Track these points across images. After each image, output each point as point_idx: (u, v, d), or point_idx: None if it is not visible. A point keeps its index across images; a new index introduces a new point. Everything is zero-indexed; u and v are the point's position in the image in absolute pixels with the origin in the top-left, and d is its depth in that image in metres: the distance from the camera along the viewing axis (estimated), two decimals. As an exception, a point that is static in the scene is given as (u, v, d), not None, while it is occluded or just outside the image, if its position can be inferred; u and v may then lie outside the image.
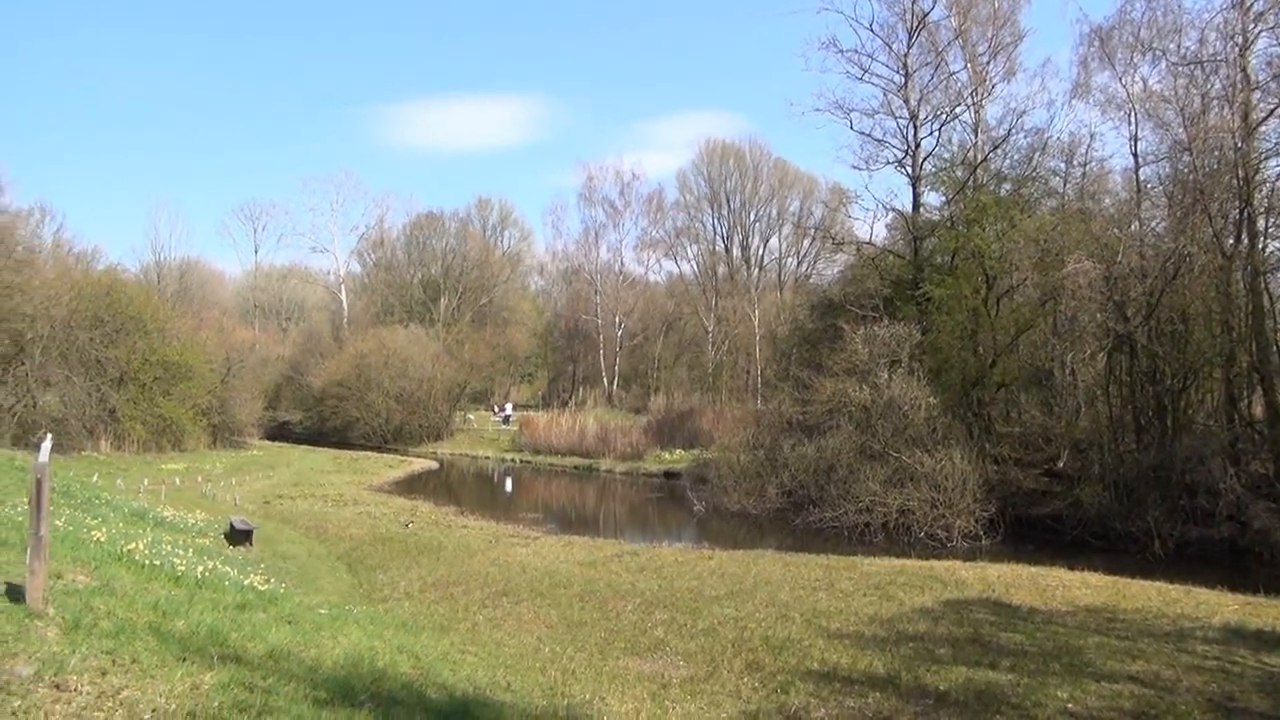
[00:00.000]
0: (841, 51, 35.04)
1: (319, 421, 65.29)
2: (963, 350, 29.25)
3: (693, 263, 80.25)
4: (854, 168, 41.28)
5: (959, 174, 33.84)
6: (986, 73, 34.10)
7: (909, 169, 34.65)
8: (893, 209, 36.14)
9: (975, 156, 33.88)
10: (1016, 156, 34.01)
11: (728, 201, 78.16)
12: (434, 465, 49.37)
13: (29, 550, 7.64)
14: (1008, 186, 33.24)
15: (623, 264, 77.15)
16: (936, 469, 24.54)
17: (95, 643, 6.73)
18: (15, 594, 7.80)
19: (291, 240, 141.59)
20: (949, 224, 32.78)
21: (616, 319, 72.88)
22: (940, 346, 29.82)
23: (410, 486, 38.77)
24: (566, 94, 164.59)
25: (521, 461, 50.20)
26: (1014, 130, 33.20)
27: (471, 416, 66.89)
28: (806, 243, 72.10)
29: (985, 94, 34.22)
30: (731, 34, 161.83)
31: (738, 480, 29.29)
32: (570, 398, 71.27)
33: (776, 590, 14.77)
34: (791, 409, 31.33)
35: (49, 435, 9.50)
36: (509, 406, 69.01)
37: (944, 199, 34.97)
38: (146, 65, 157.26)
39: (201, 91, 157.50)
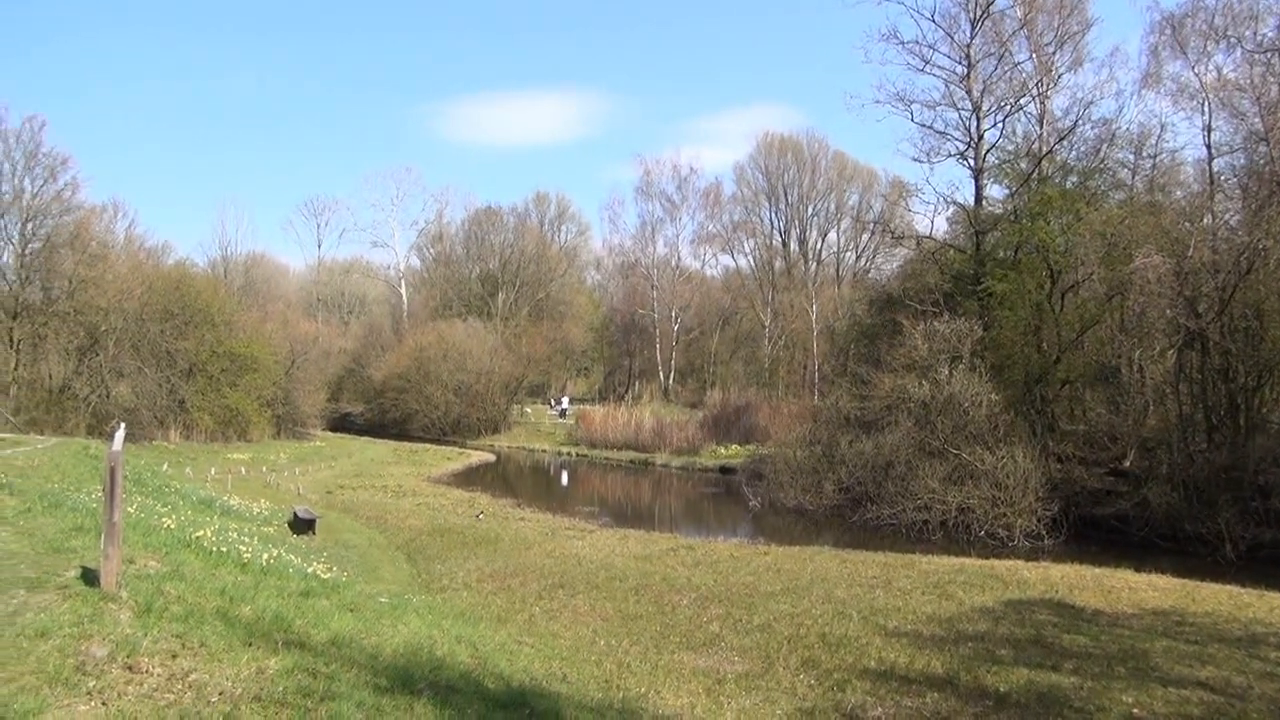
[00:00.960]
0: (902, 43, 34.58)
1: (379, 413, 66.35)
2: (1026, 346, 28.69)
3: (749, 257, 79.97)
4: (914, 160, 40.81)
5: (1023, 166, 33.15)
6: (1052, 62, 33.35)
7: (971, 161, 34.05)
8: (954, 202, 35.59)
9: (1040, 148, 33.16)
10: (1083, 148, 33.25)
11: (785, 195, 77.63)
12: (491, 458, 49.88)
13: (103, 536, 7.89)
14: (1074, 179, 32.48)
15: (679, 258, 77.16)
16: (998, 467, 24.12)
17: (166, 626, 6.93)
18: (90, 578, 8.07)
19: (353, 235, 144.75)
20: (1012, 217, 32.13)
21: (673, 313, 72.82)
22: (1002, 342, 29.28)
23: (468, 479, 39.23)
24: (624, 89, 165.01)
25: (578, 455, 50.46)
26: (1081, 121, 32.46)
27: (528, 410, 67.42)
28: (865, 237, 71.40)
29: (1051, 84, 33.48)
30: (790, 27, 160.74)
31: (794, 476, 29.10)
32: (626, 392, 71.46)
33: (833, 587, 14.66)
34: (849, 405, 31.01)
35: (122, 425, 9.81)
36: (565, 400, 69.41)
37: (1007, 192, 34.30)
38: (214, 65, 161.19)
39: (266, 90, 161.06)
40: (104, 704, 5.23)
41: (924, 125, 35.09)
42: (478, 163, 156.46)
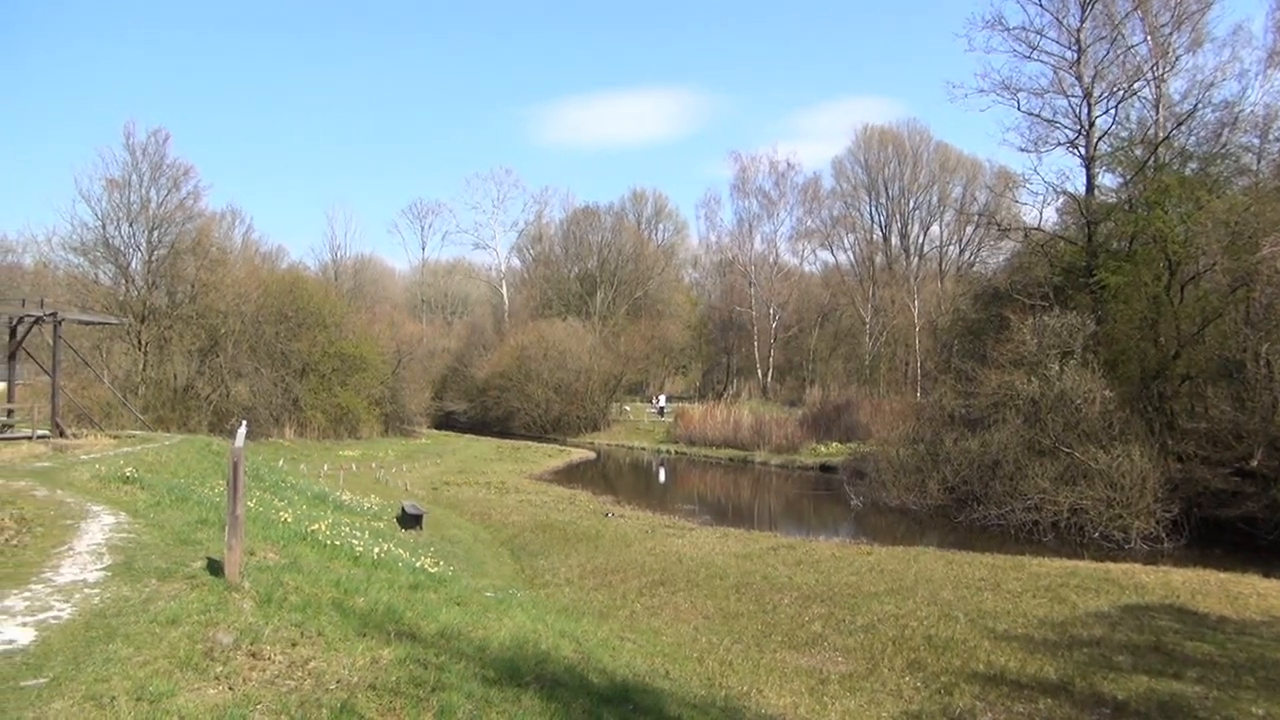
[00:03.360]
0: (1008, 29, 33.51)
1: (482, 411, 67.69)
2: (1142, 341, 27.49)
3: (849, 252, 78.79)
4: (1022, 150, 39.44)
5: (1138, 153, 31.75)
6: (1169, 44, 31.83)
7: (1082, 150, 32.80)
8: (1064, 192, 34.31)
9: (1156, 134, 31.70)
10: (1203, 133, 31.62)
11: (886, 189, 76.19)
12: (591, 455, 50.37)
13: (226, 528, 8.29)
14: (1193, 165, 30.96)
15: (777, 255, 76.61)
16: (1112, 466, 23.19)
17: (285, 616, 7.23)
18: (215, 568, 8.48)
19: (456, 237, 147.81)
20: (1127, 207, 30.83)
21: (771, 310, 72.29)
22: (1117, 337, 28.13)
23: (569, 476, 39.70)
24: (719, 86, 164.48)
25: (676, 453, 50.55)
26: (1201, 105, 30.86)
27: (627, 408, 67.85)
28: (970, 230, 69.49)
29: (1168, 67, 31.95)
30: (888, 17, 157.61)
31: (897, 475, 28.57)
32: (724, 389, 71.25)
33: (939, 588, 14.35)
34: (954, 402, 30.25)
35: (244, 422, 10.26)
36: (664, 398, 69.60)
37: (1121, 180, 32.90)
38: (322, 74, 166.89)
39: (371, 98, 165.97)
40: (230, 689, 5.49)
41: (1031, 113, 33.96)
42: (575, 163, 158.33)
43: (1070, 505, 23.08)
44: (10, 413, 28.51)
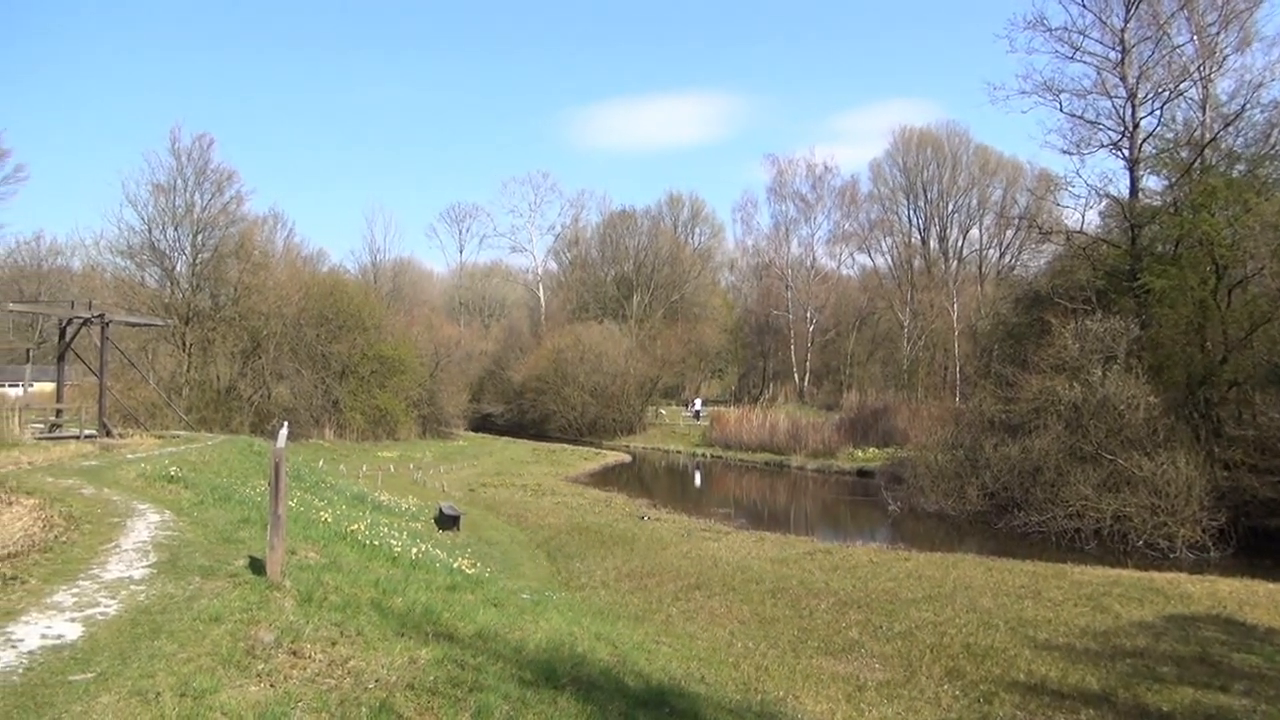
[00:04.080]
0: (1050, 30, 33.05)
1: (519, 414, 68.01)
2: (1188, 346, 26.98)
3: (887, 256, 78.14)
4: (1064, 152, 38.96)
5: (1184, 155, 31.15)
6: (1216, 43, 31.22)
7: (1126, 151, 32.27)
8: (1107, 195, 33.78)
9: (1203, 135, 31.10)
10: (1252, 134, 30.94)
11: (924, 192, 75.45)
12: (626, 458, 50.40)
13: (269, 528, 8.41)
14: (1241, 167, 30.31)
15: (814, 258, 76.25)
16: (1157, 473, 22.78)
17: (325, 615, 7.32)
18: (257, 567, 8.60)
19: (493, 241, 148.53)
20: (1172, 209, 30.27)
21: (808, 314, 71.94)
22: (1161, 342, 27.64)
23: (604, 479, 39.77)
24: (756, 89, 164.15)
25: (712, 456, 50.45)
26: (1249, 105, 30.19)
27: (663, 411, 67.81)
28: (1010, 233, 68.63)
29: (1215, 67, 31.34)
30: (925, 19, 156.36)
31: (935, 480, 28.29)
32: (761, 393, 70.99)
33: (978, 596, 14.19)
34: (993, 407, 29.90)
35: (285, 423, 10.40)
36: (699, 402, 69.49)
37: (1166, 183, 32.31)
38: (361, 79, 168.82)
39: (410, 102, 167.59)
40: (272, 686, 5.56)
41: (1074, 115, 33.45)
42: (612, 167, 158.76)
43: (1113, 513, 22.71)
44: (59, 412, 29.14)
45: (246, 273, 44.28)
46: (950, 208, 75.26)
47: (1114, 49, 32.06)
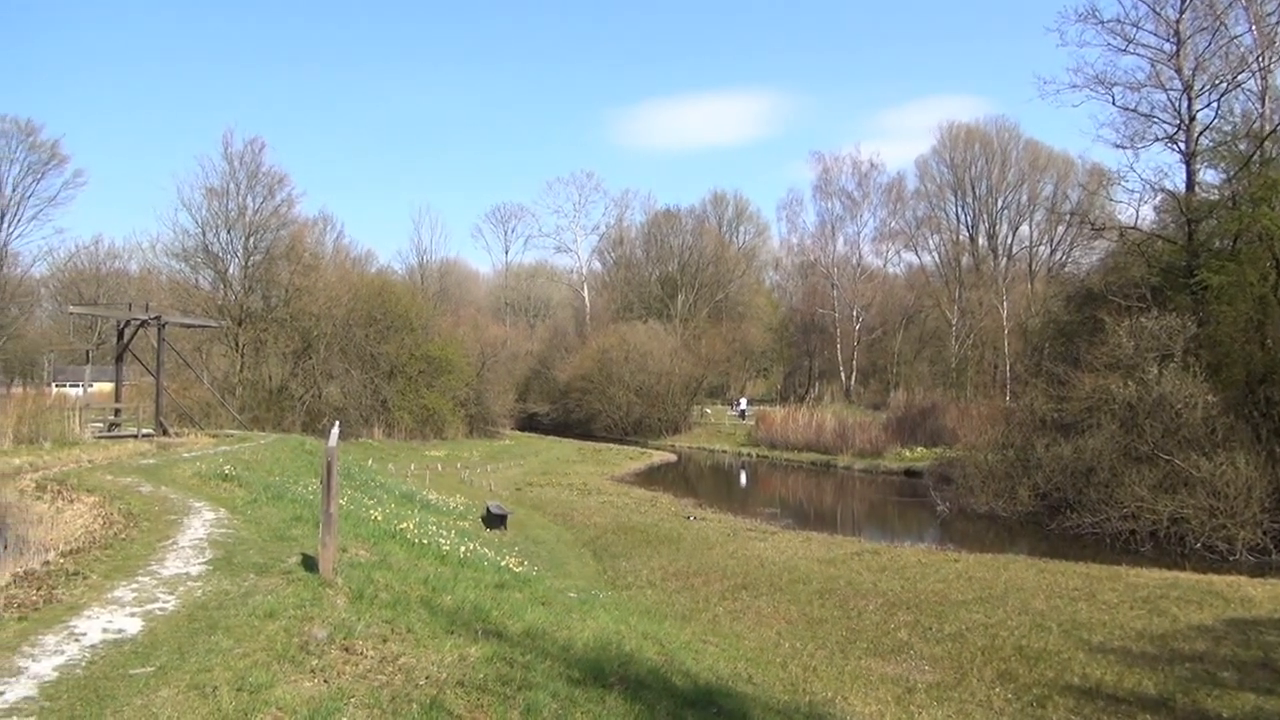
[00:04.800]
0: (1102, 22, 32.39)
1: (564, 413, 68.28)
2: (1248, 343, 26.29)
3: (934, 253, 77.07)
4: (1117, 146, 38.05)
5: (1242, 148, 30.36)
6: (1276, 33, 30.40)
7: (1182, 145, 31.55)
8: (1162, 189, 33.04)
9: (1262, 127, 30.28)
10: (1314, 126, 30.10)
11: (973, 188, 74.32)
12: (672, 458, 50.37)
13: (321, 526, 8.53)
14: (1303, 159, 29.50)
15: (860, 256, 75.53)
16: (1216, 474, 22.21)
17: (376, 612, 7.41)
18: (310, 564, 8.73)
19: (538, 241, 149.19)
20: (1231, 204, 29.53)
21: (854, 312, 71.30)
22: (1220, 339, 26.96)
23: (650, 478, 39.78)
24: (801, 87, 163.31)
25: (758, 456, 50.24)
26: (1311, 96, 29.41)
27: (708, 411, 67.67)
28: (1061, 229, 67.36)
29: (1275, 57, 30.50)
30: (971, 14, 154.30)
31: (985, 480, 27.88)
32: (806, 393, 70.55)
33: (1030, 598, 13.97)
34: (1045, 406, 29.38)
35: (337, 422, 10.55)
36: (744, 401, 69.23)
37: (1224, 176, 31.51)
38: (407, 81, 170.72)
39: (455, 103, 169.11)
40: (325, 682, 5.65)
41: (1127, 108, 32.79)
42: (656, 166, 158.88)
43: (1170, 514, 22.20)
44: (118, 412, 29.84)
45: (297, 274, 45.01)
46: (999, 204, 74.11)
47: (1168, 40, 31.37)
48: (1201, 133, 31.25)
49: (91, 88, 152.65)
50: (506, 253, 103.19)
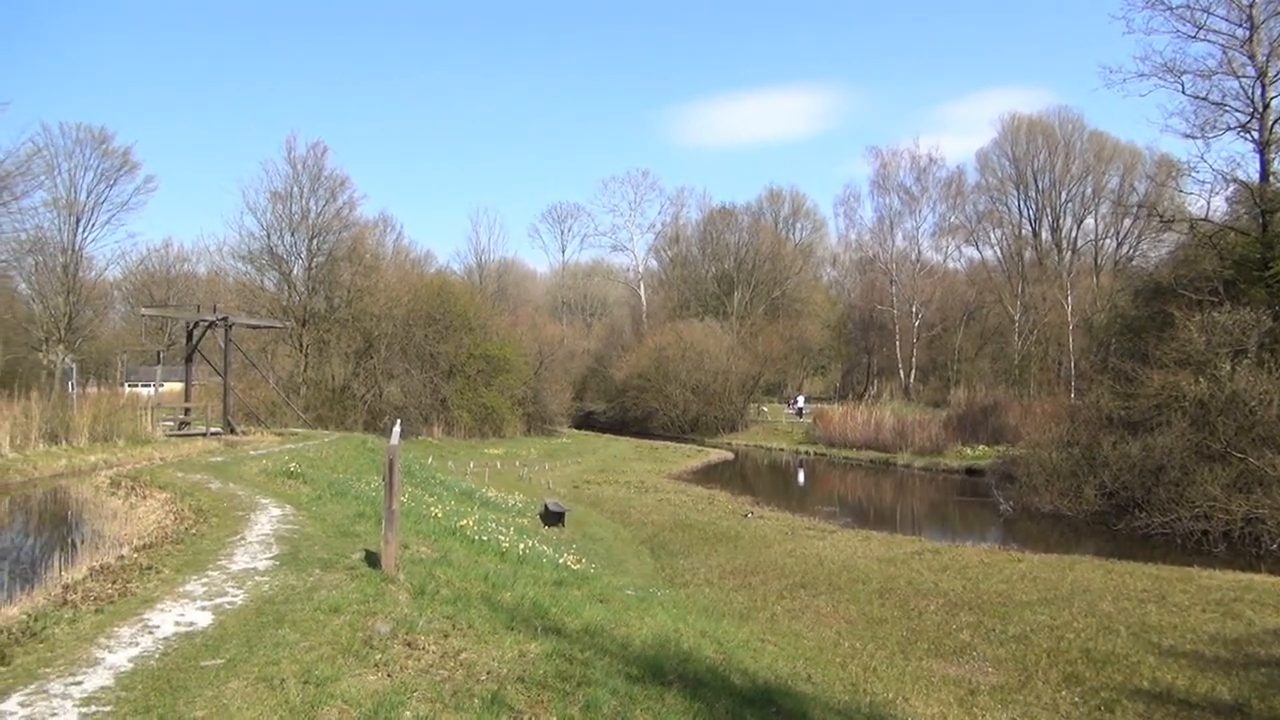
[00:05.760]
0: (1170, 8, 31.47)
1: (621, 411, 68.48)
2: (1326, 338, 25.42)
3: (996, 248, 75.67)
4: (1186, 136, 36.98)
5: (1320, 136, 29.37)
6: (1356, 16, 29.29)
7: (1256, 134, 30.54)
8: (1235, 180, 32.01)
9: (1341, 114, 29.25)
10: (1396, 111, 28.96)
11: (1035, 181, 72.81)
12: (729, 456, 50.23)
13: (383, 523, 8.68)
14: (1385, 146, 28.40)
15: (919, 252, 74.50)
16: (1292, 473, 21.50)
17: (438, 608, 7.51)
18: (372, 560, 8.88)
19: (594, 240, 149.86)
20: (1307, 193, 28.57)
21: (913, 309, 70.38)
22: (1296, 334, 26.10)
23: (707, 476, 39.71)
24: (858, 82, 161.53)
25: (815, 454, 49.87)
26: (1393, 80, 28.28)
27: (765, 409, 67.36)
28: (1128, 222, 65.74)
29: (1354, 41, 29.41)
30: (1033, 2, 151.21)
31: (1049, 479, 27.31)
32: (865, 390, 69.86)
33: (1097, 599, 13.65)
34: (1112, 403, 28.68)
35: (399, 421, 10.71)
36: (802, 399, 68.77)
37: (1300, 165, 30.49)
38: (467, 85, 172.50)
39: (512, 104, 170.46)
40: (389, 676, 5.75)
41: (1198, 97, 31.78)
42: (712, 164, 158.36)
43: (1244, 514, 21.52)
44: (187, 411, 30.67)
45: (359, 275, 45.82)
46: (1063, 197, 72.45)
47: (1241, 25, 30.40)
48: (1276, 121, 30.26)
49: (161, 97, 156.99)
50: (563, 252, 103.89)
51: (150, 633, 6.36)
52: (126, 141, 71.17)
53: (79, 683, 5.25)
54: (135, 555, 9.06)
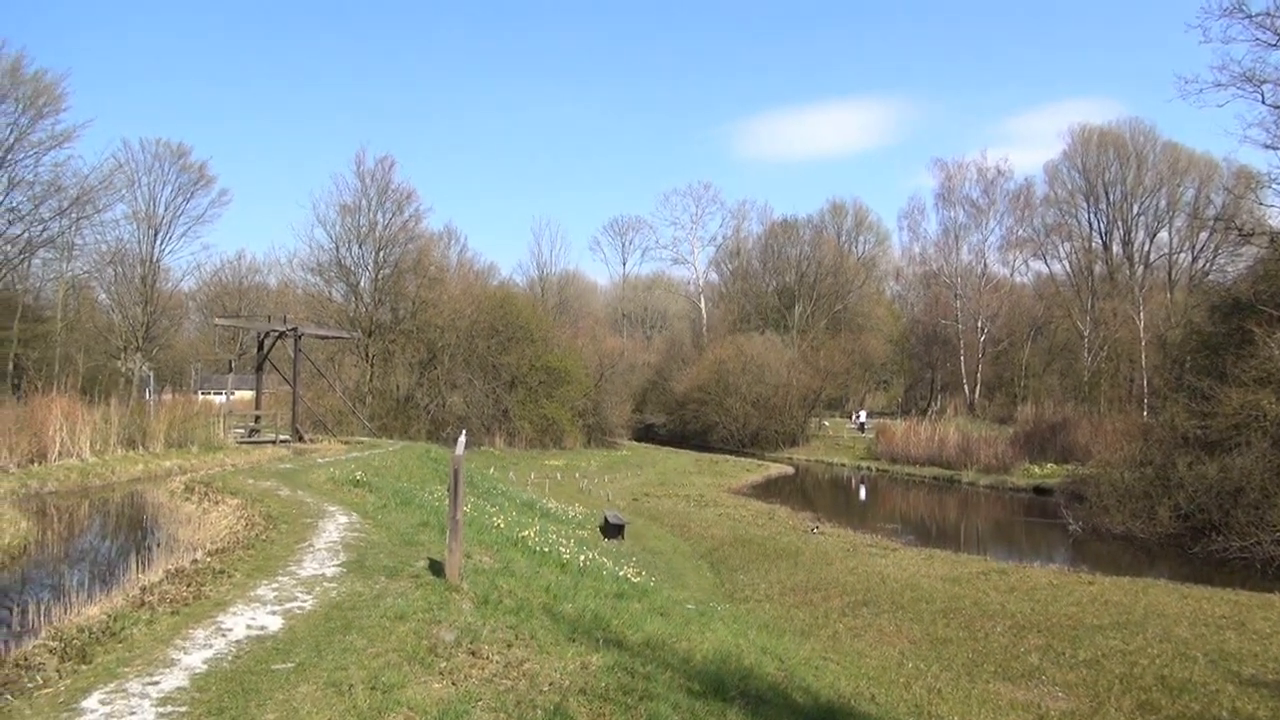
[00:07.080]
0: (1249, 16, 30.51)
1: (680, 424, 68.40)
2: None
3: (1064, 262, 74.00)
4: (1266, 147, 35.85)
5: None
6: None
7: (1341, 144, 29.53)
8: (1319, 192, 31.01)
9: None
10: None
11: (1106, 194, 71.12)
12: (789, 470, 49.83)
13: (448, 532, 8.79)
14: None
15: (985, 265, 73.10)
16: (1381, 497, 20.63)
17: (501, 618, 7.58)
18: (436, 568, 8.99)
19: (655, 253, 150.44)
20: (1397, 206, 27.50)
21: (979, 324, 69.12)
22: (1385, 352, 25.08)
23: (767, 491, 39.42)
24: (923, 94, 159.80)
25: (877, 470, 49.22)
26: None
27: (826, 423, 66.73)
28: (1204, 236, 63.89)
29: None
30: (1101, 13, 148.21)
31: (1121, 500, 26.56)
32: (929, 406, 68.77)
33: (1172, 625, 13.22)
34: (1187, 422, 27.82)
35: (464, 431, 10.85)
36: (864, 414, 67.98)
37: (1390, 177, 29.37)
38: (531, 98, 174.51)
39: (576, 119, 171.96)
40: (453, 684, 5.81)
41: (1278, 107, 30.90)
42: (773, 176, 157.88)
43: (1329, 539, 20.71)
44: (258, 419, 31.41)
45: (424, 287, 46.58)
46: (1135, 210, 70.65)
47: (1325, 33, 29.41)
48: (1363, 131, 29.19)
49: (236, 112, 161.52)
50: (624, 264, 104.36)
51: (223, 635, 6.51)
52: (203, 156, 73.24)
53: (156, 682, 5.40)
54: (208, 559, 9.30)
